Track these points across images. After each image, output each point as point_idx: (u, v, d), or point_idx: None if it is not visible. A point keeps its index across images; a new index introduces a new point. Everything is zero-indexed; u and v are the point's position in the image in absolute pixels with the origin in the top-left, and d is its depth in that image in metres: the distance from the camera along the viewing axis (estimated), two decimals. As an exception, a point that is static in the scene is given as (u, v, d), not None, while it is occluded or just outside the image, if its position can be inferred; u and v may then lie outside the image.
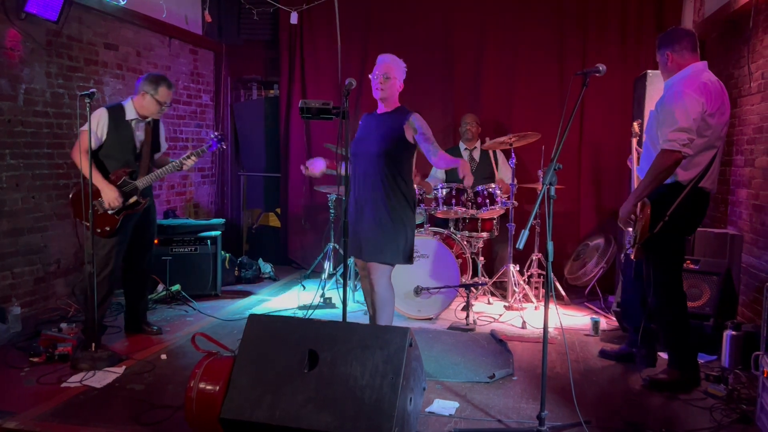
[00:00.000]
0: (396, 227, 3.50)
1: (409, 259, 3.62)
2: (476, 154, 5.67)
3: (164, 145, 4.30)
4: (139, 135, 4.03)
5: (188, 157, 4.05)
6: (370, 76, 3.62)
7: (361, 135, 3.67)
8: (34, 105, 4.57)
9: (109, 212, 3.87)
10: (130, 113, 3.97)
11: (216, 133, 4.22)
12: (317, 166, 3.78)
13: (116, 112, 3.95)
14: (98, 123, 3.89)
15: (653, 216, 3.34)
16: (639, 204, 3.39)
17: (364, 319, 4.65)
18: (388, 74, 3.55)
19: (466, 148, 5.68)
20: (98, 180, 3.84)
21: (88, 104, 3.58)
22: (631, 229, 3.50)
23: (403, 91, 3.67)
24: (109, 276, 3.91)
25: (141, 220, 4.10)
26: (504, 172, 5.59)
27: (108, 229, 3.89)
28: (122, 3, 5.25)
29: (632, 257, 3.50)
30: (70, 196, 3.94)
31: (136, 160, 4.01)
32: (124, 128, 3.96)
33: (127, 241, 4.06)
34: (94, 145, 3.85)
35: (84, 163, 3.81)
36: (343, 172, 3.23)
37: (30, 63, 4.52)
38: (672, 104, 3.24)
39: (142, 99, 3.96)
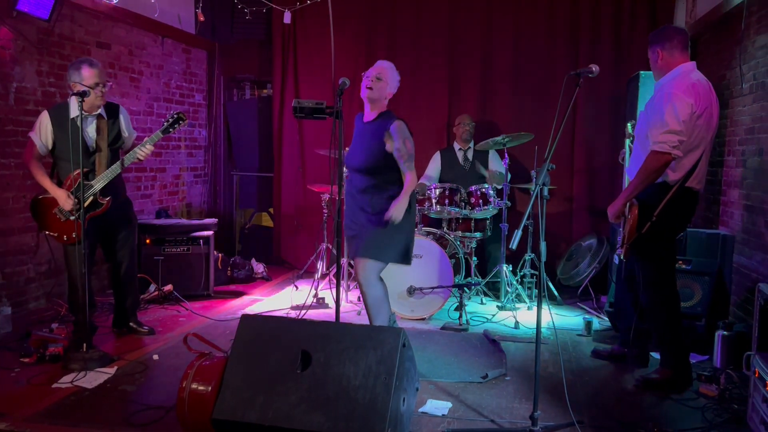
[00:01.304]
0: (391, 227, 3.49)
1: (406, 258, 3.65)
2: (470, 154, 5.67)
3: (131, 134, 4.08)
4: (90, 131, 3.82)
5: (142, 146, 3.84)
6: (362, 74, 3.62)
7: (352, 145, 3.72)
8: (25, 104, 4.54)
9: (71, 218, 3.74)
10: (74, 110, 3.72)
11: (173, 113, 3.93)
12: None
13: (59, 112, 3.77)
14: (40, 129, 3.77)
15: (641, 216, 3.37)
16: (627, 204, 3.42)
17: (357, 320, 4.65)
18: (381, 76, 3.56)
19: (460, 149, 5.68)
20: (47, 185, 3.76)
21: (80, 103, 3.55)
22: (621, 229, 3.52)
23: (398, 90, 3.68)
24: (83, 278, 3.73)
25: (112, 218, 3.94)
26: (493, 163, 5.58)
27: (75, 235, 3.72)
28: (115, 1, 5.23)
29: (621, 257, 3.52)
30: (30, 206, 3.84)
31: (91, 158, 3.79)
32: (70, 127, 3.72)
33: (96, 243, 3.96)
34: (43, 152, 3.80)
35: (34, 174, 3.79)
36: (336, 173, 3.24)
37: (21, 61, 4.49)
38: (662, 106, 3.27)
39: (76, 89, 3.70)
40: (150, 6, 5.76)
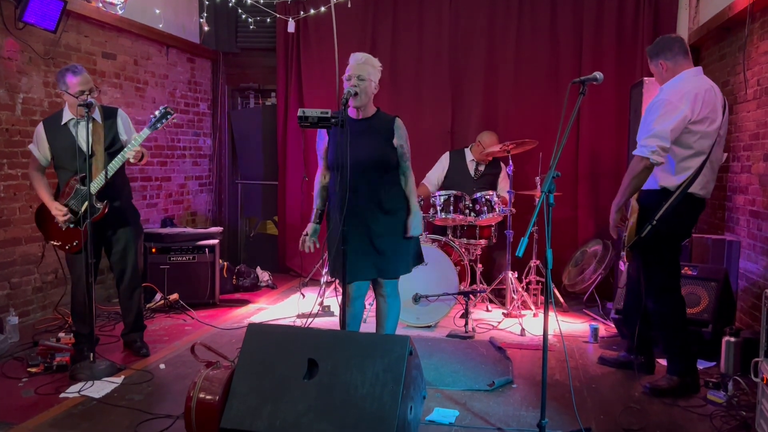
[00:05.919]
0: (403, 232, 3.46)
1: (421, 258, 3.64)
2: (482, 166, 5.61)
3: (131, 136, 3.84)
4: (84, 136, 3.63)
5: (130, 146, 3.70)
6: (343, 77, 3.38)
7: (341, 142, 3.21)
8: (31, 114, 4.57)
9: (71, 226, 3.73)
10: (66, 116, 3.73)
11: (161, 108, 3.79)
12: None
13: (53, 121, 3.76)
14: (37, 140, 3.77)
15: (641, 220, 3.38)
16: (630, 208, 3.43)
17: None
18: (363, 75, 3.29)
19: (473, 160, 5.62)
20: (43, 197, 3.75)
21: (86, 114, 3.56)
22: (624, 233, 3.54)
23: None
24: (84, 287, 3.71)
25: (113, 226, 3.86)
26: (503, 185, 5.54)
27: (76, 243, 3.73)
28: (120, 12, 5.27)
29: (624, 260, 3.54)
30: (34, 217, 3.85)
31: (86, 163, 3.65)
32: (63, 134, 3.70)
33: (99, 251, 3.90)
34: (44, 163, 3.81)
35: (33, 185, 3.82)
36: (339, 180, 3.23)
37: (28, 72, 4.53)
38: (652, 111, 3.29)
39: (66, 98, 3.68)
40: (155, 16, 5.80)
